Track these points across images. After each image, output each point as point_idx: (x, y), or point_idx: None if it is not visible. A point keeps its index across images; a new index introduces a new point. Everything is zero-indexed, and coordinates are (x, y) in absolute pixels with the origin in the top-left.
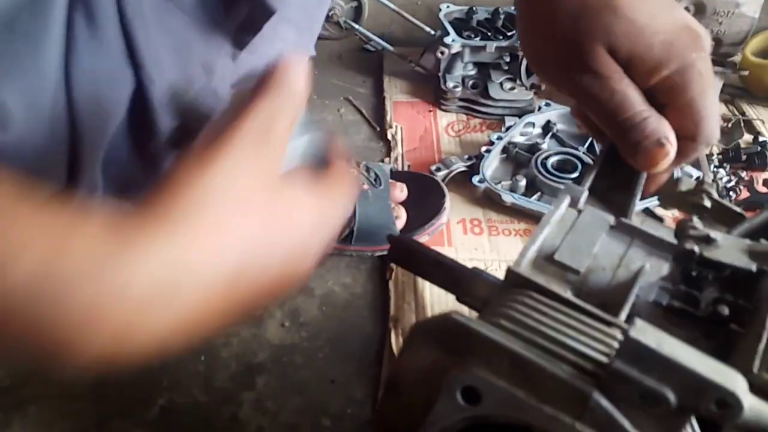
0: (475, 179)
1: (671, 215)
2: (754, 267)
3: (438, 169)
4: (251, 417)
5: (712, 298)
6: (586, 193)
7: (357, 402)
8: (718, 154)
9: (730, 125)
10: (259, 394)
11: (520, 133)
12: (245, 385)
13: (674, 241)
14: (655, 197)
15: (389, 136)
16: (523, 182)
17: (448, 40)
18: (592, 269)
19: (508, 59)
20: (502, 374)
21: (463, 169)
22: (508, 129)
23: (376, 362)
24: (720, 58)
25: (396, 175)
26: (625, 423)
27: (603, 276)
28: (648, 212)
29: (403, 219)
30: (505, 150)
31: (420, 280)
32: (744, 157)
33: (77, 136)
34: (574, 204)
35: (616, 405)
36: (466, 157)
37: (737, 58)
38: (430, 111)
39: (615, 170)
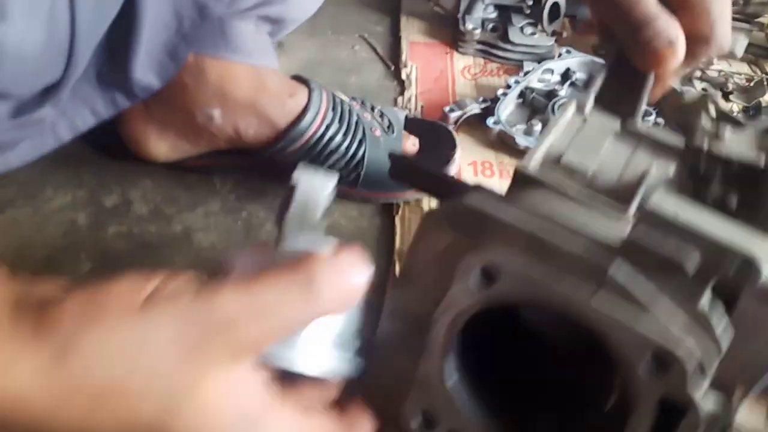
0: (490, 121)
1: None
2: (762, 160)
3: (452, 110)
4: None
5: (720, 192)
6: (592, 99)
7: None
8: (738, 112)
9: (752, 84)
10: None
11: (538, 79)
12: None
13: (681, 145)
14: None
15: (403, 76)
16: (538, 127)
17: None
18: (598, 171)
19: (530, 3)
20: (519, 254)
21: (478, 111)
22: (526, 74)
23: (380, 293)
24: (747, 17)
25: (409, 123)
26: (642, 296)
27: (609, 177)
28: None
29: None
30: (521, 95)
31: None
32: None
33: (76, 33)
34: (580, 110)
35: (633, 278)
36: (482, 99)
37: (765, 19)
38: (447, 53)
39: (622, 79)
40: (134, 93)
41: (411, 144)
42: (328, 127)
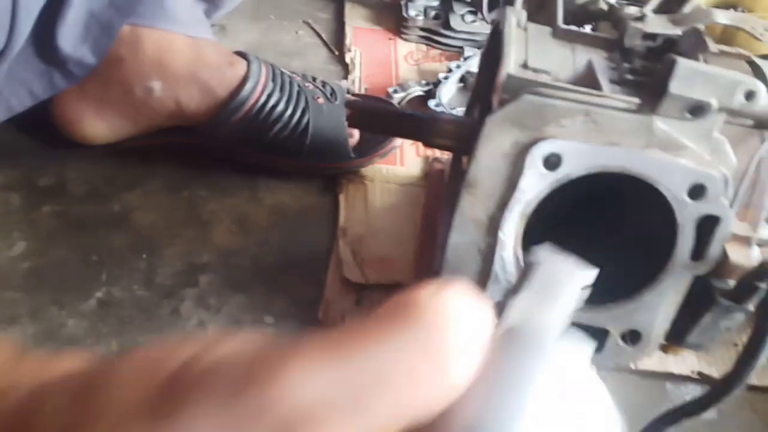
0: (432, 103)
1: None
2: (679, 31)
3: (395, 91)
4: (193, 311)
5: (652, 62)
6: (525, 13)
7: (301, 303)
8: None
9: None
10: (201, 291)
11: (478, 64)
12: (188, 282)
13: (604, 35)
14: None
15: (347, 60)
16: (477, 111)
17: None
18: (557, 69)
19: None
20: (576, 134)
21: (420, 93)
22: (466, 59)
23: (322, 269)
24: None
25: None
26: (683, 139)
27: (566, 71)
28: None
29: (356, 138)
30: (462, 79)
31: (370, 193)
32: None
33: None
34: (519, 25)
35: (670, 126)
36: (424, 82)
37: None
38: (390, 39)
39: None
40: (70, 71)
41: None
42: (269, 96)
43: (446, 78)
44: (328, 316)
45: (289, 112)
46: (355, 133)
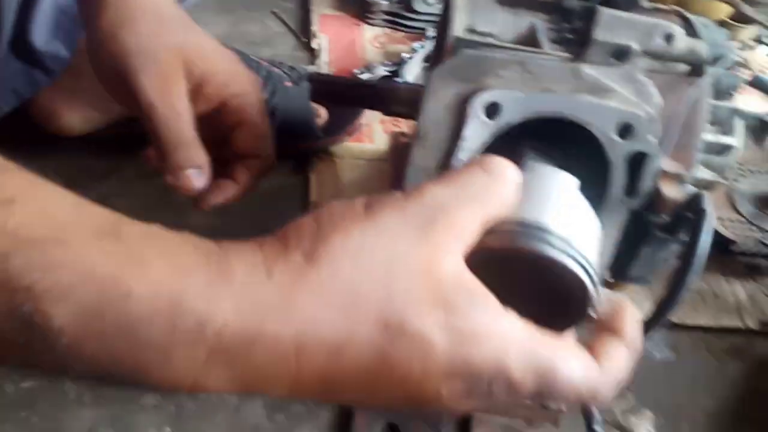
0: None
1: None
2: None
3: (362, 72)
4: None
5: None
6: None
7: None
8: None
9: None
10: None
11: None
12: None
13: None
14: None
15: (314, 46)
16: None
17: None
18: (501, 31)
19: None
20: (513, 83)
21: (386, 73)
22: (430, 39)
23: None
24: None
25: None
26: (610, 83)
27: (510, 34)
28: None
29: (323, 117)
30: (427, 58)
31: (339, 170)
32: None
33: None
34: None
35: (597, 71)
36: (390, 63)
37: None
38: (356, 24)
39: None
40: (48, 66)
41: None
42: None
43: (410, 58)
44: None
45: None
46: (323, 114)
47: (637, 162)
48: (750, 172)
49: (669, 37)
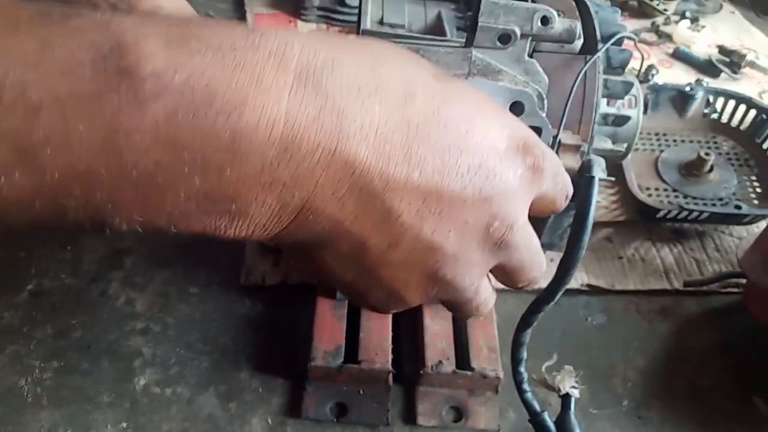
0: None
1: None
2: None
3: None
4: (120, 291)
5: None
6: None
7: (223, 271)
8: None
9: None
10: (127, 272)
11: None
12: (113, 266)
13: None
14: None
15: None
16: None
17: None
18: (410, 22)
19: None
20: None
21: None
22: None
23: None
24: None
25: None
26: (496, 63)
27: (419, 24)
28: None
29: None
30: None
31: None
32: None
33: None
34: None
35: (486, 55)
36: None
37: None
38: (291, 21)
39: None
40: None
41: None
42: None
43: None
44: (249, 279)
45: None
46: None
47: None
48: (674, 142)
49: (545, 20)
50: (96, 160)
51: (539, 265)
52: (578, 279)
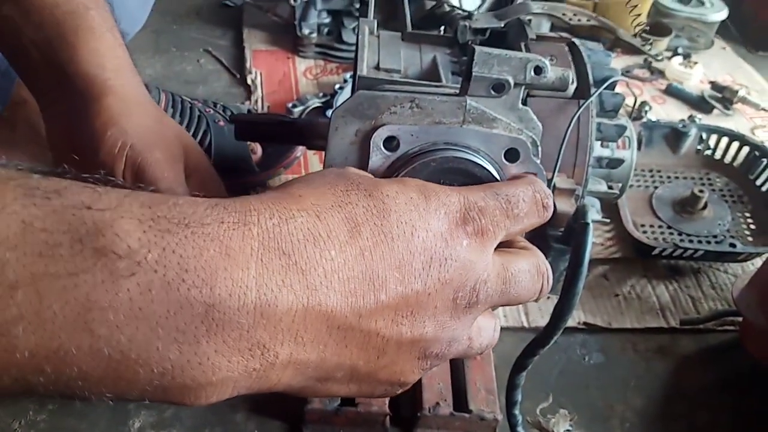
0: (329, 113)
1: None
2: (501, 24)
3: (294, 106)
4: None
5: None
6: (376, 22)
7: None
8: None
9: None
10: None
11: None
12: None
13: (448, 34)
14: None
15: (249, 81)
16: None
17: None
18: (406, 67)
19: (357, 5)
20: (406, 118)
21: (319, 104)
22: (360, 78)
23: None
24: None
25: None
26: (490, 111)
27: (415, 68)
28: None
29: (259, 154)
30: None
31: None
32: None
33: None
34: (372, 32)
35: (480, 103)
36: (321, 94)
37: None
38: (289, 58)
39: (383, 3)
40: None
41: None
42: None
43: (341, 88)
44: None
45: (190, 134)
46: (258, 150)
47: None
48: (668, 179)
49: (538, 70)
50: (68, 337)
51: (532, 284)
52: (575, 317)
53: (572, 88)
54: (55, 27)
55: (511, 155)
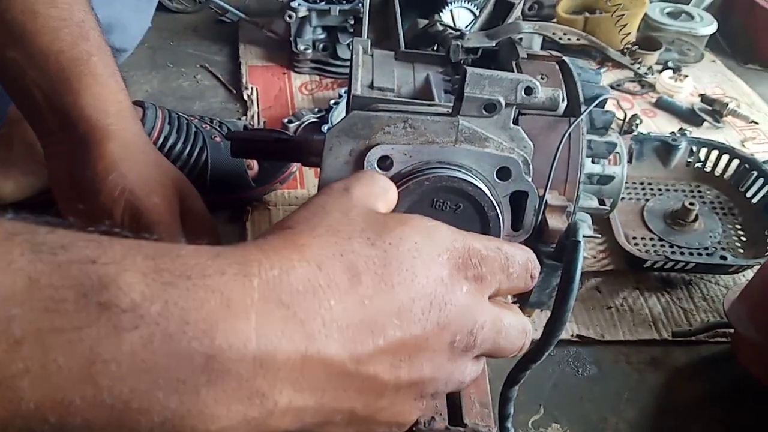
0: (325, 128)
1: None
2: (493, 43)
3: (290, 121)
4: None
5: None
6: (369, 42)
7: None
8: None
9: None
10: None
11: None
12: None
13: (439, 53)
14: None
15: (245, 97)
16: None
17: (294, 4)
18: (399, 85)
19: (352, 22)
20: (399, 138)
21: (314, 119)
22: (354, 98)
23: None
24: (543, 19)
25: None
26: (482, 131)
27: (408, 87)
28: None
29: (255, 169)
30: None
31: (274, 217)
32: None
33: None
34: (366, 51)
35: (472, 123)
36: (317, 109)
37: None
38: (284, 73)
39: (377, 23)
40: None
41: None
42: (166, 138)
43: (336, 103)
44: None
45: (187, 151)
46: (254, 165)
47: (520, 200)
48: (659, 191)
49: (529, 90)
50: (72, 389)
51: (517, 339)
52: (569, 329)
53: (563, 106)
54: (60, 72)
55: (503, 174)
